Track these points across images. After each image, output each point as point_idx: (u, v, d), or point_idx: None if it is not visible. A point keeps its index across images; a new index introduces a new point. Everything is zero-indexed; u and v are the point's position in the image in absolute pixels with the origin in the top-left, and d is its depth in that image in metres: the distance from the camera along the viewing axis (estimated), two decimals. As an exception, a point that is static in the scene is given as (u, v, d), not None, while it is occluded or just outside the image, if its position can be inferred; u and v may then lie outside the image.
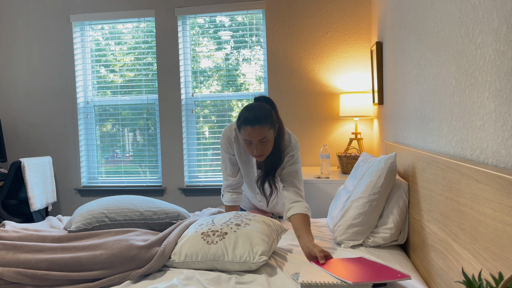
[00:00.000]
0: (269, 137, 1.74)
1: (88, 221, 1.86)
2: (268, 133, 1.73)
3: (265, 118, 1.71)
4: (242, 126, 1.73)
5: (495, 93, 1.03)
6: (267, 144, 1.75)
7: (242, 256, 1.49)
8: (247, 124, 1.70)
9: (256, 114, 1.70)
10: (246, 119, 1.71)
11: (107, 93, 3.79)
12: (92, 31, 3.78)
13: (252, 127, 1.69)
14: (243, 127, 1.72)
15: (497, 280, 0.63)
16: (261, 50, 3.55)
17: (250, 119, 1.70)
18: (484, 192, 0.99)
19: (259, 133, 1.70)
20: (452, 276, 1.23)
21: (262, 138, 1.72)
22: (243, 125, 1.72)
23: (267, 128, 1.71)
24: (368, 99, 3.13)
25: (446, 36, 1.40)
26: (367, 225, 1.77)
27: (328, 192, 2.72)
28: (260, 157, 1.77)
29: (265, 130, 1.71)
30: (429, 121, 1.62)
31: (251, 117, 1.70)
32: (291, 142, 1.88)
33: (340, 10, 3.35)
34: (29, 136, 3.82)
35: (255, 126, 1.69)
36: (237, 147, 1.95)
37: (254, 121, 1.69)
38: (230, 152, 1.97)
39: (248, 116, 1.71)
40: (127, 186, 3.73)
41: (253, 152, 1.76)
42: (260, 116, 1.70)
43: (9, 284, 1.46)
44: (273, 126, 1.76)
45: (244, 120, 1.72)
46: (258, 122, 1.69)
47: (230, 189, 2.03)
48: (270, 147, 1.77)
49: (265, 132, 1.71)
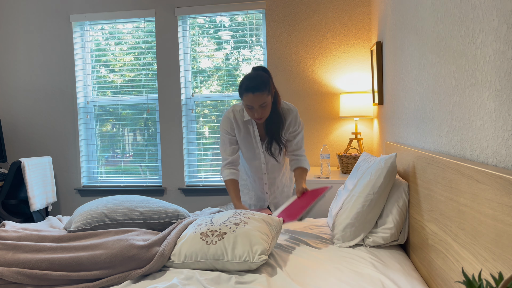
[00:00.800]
0: (268, 102, 1.99)
1: (88, 221, 1.86)
2: (266, 99, 1.97)
3: (264, 85, 1.95)
4: (244, 93, 1.97)
5: (495, 93, 1.03)
6: (266, 108, 2.00)
7: (241, 256, 1.49)
8: (249, 92, 1.94)
9: (256, 82, 1.95)
10: (248, 87, 1.95)
11: (107, 93, 3.79)
12: (92, 31, 3.78)
13: (253, 94, 1.94)
14: (245, 94, 1.96)
15: (497, 280, 0.63)
16: (261, 50, 3.55)
17: (251, 87, 1.94)
18: (484, 192, 0.99)
19: (259, 99, 1.95)
20: (452, 276, 1.23)
21: (262, 103, 1.97)
22: (245, 92, 1.96)
23: (266, 94, 1.96)
24: (368, 99, 3.13)
25: (446, 36, 1.40)
26: (365, 224, 1.77)
27: (328, 192, 2.71)
28: (260, 119, 2.03)
29: (264, 96, 1.95)
30: (429, 121, 1.61)
31: (252, 85, 1.94)
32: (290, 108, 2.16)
33: (340, 10, 3.35)
34: (29, 136, 3.82)
35: (256, 93, 1.93)
36: (236, 126, 2.17)
37: (254, 88, 1.93)
38: (230, 133, 2.19)
39: (249, 84, 1.95)
40: (127, 186, 3.73)
41: (254, 115, 2.01)
42: (260, 84, 1.94)
43: (9, 284, 1.46)
44: (270, 92, 2.00)
45: (246, 88, 1.95)
46: (258, 90, 1.93)
47: (230, 165, 2.21)
48: (268, 111, 2.03)
49: (264, 98, 1.96)
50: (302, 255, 1.69)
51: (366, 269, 1.51)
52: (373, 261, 1.60)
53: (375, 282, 1.40)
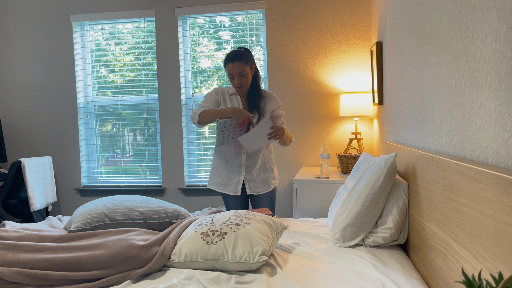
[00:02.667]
0: (246, 72, 2.22)
1: (88, 221, 1.86)
2: (245, 68, 2.21)
3: (241, 56, 2.21)
4: (225, 63, 2.23)
5: (495, 93, 1.03)
6: (246, 78, 2.23)
7: (242, 256, 1.49)
8: (229, 62, 2.21)
9: (234, 54, 2.23)
10: (228, 57, 2.23)
11: (107, 93, 3.79)
12: (92, 31, 3.78)
13: (232, 63, 2.20)
14: (226, 65, 2.22)
15: (497, 280, 0.63)
16: (261, 50, 3.55)
17: (230, 57, 2.22)
18: (484, 192, 0.99)
19: (237, 67, 2.20)
20: (452, 276, 1.23)
21: (240, 72, 2.21)
22: (226, 63, 2.23)
23: (243, 64, 2.21)
24: (368, 99, 3.13)
25: (446, 36, 1.40)
26: (365, 224, 1.77)
27: (328, 192, 2.72)
28: (241, 88, 2.26)
29: (242, 65, 2.20)
30: (429, 121, 1.62)
31: (231, 55, 2.22)
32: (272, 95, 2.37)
33: (340, 10, 3.35)
34: (29, 136, 3.82)
35: (234, 62, 2.20)
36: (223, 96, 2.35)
37: (233, 58, 2.20)
38: (216, 98, 2.34)
39: (229, 56, 2.23)
40: (127, 186, 3.73)
41: (235, 83, 2.24)
42: (237, 55, 2.21)
43: (9, 284, 1.46)
44: (248, 63, 2.24)
45: (226, 59, 2.23)
46: (236, 59, 2.20)
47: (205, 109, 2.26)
48: (247, 81, 2.25)
49: (242, 67, 2.20)
50: (302, 255, 1.69)
51: (366, 269, 1.51)
52: (373, 261, 1.60)
53: (375, 282, 1.40)
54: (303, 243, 1.86)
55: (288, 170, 3.48)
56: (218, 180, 2.36)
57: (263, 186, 2.35)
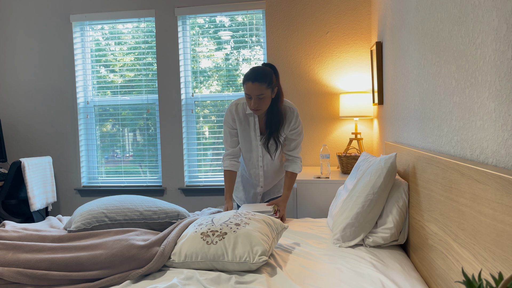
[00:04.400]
0: (266, 95, 2.04)
1: (88, 221, 1.86)
2: (265, 91, 2.03)
3: (264, 77, 2.03)
4: (245, 81, 2.05)
5: (495, 93, 1.03)
6: (264, 101, 2.06)
7: (242, 257, 1.49)
8: (249, 80, 2.03)
9: (257, 73, 2.04)
10: (248, 76, 2.04)
11: (107, 93, 3.79)
12: (92, 31, 3.78)
13: (252, 83, 2.01)
14: (245, 83, 2.04)
15: (497, 280, 0.63)
16: (261, 50, 3.55)
17: (251, 76, 2.03)
18: (484, 192, 0.99)
19: (257, 89, 2.01)
20: (452, 276, 1.23)
21: (259, 94, 2.02)
22: (245, 80, 2.05)
23: (265, 86, 2.02)
24: (368, 99, 3.13)
25: (446, 36, 1.40)
26: (365, 224, 1.77)
27: (328, 192, 2.72)
28: (257, 111, 2.08)
29: (263, 88, 2.02)
30: (429, 121, 1.62)
31: (252, 75, 2.03)
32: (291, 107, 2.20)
33: (340, 10, 3.35)
34: (29, 136, 3.82)
35: (255, 83, 2.01)
36: (237, 117, 2.23)
37: (254, 78, 2.01)
38: (231, 125, 2.25)
39: (250, 74, 2.04)
40: (127, 186, 3.73)
41: (251, 105, 2.07)
42: (260, 75, 2.03)
43: (9, 284, 1.46)
44: (270, 86, 2.06)
45: (246, 77, 2.05)
46: (257, 80, 2.01)
47: (230, 156, 2.30)
48: (266, 104, 2.08)
49: (262, 89, 2.02)
50: (302, 255, 1.69)
51: (366, 269, 1.51)
52: (373, 261, 1.60)
53: (375, 282, 1.40)
54: (303, 243, 1.86)
55: (288, 170, 3.48)
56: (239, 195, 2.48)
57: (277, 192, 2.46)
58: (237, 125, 2.24)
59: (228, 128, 2.27)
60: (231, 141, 2.28)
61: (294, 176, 2.28)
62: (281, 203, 2.21)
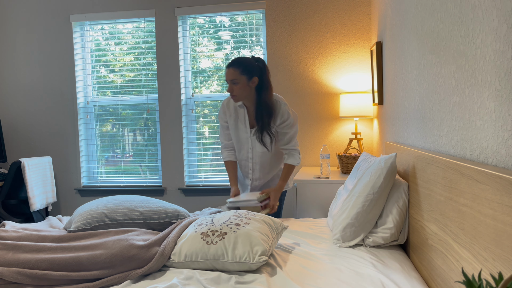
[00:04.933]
0: (240, 81, 2.11)
1: (88, 221, 1.86)
2: (239, 77, 2.10)
3: (239, 64, 2.11)
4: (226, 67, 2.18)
5: (495, 93, 1.03)
6: (239, 87, 2.12)
7: (242, 257, 1.49)
8: (227, 66, 2.15)
9: (234, 60, 2.14)
10: (228, 62, 2.18)
11: (107, 93, 3.79)
12: (92, 31, 3.78)
13: (228, 68, 2.13)
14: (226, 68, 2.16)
15: (497, 280, 0.63)
16: (261, 50, 3.55)
17: (229, 62, 2.15)
18: (484, 192, 0.99)
19: (231, 74, 2.11)
20: (452, 276, 1.23)
21: (233, 79, 2.11)
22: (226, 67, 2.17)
23: (239, 72, 2.10)
24: (368, 99, 3.13)
25: (446, 36, 1.40)
26: (365, 224, 1.77)
27: (328, 192, 2.72)
28: (233, 97, 2.16)
29: (237, 73, 2.10)
30: (429, 121, 1.62)
31: (230, 61, 2.15)
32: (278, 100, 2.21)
33: (340, 10, 3.35)
34: (29, 136, 3.82)
35: (229, 68, 2.12)
36: (228, 110, 2.31)
37: (230, 64, 2.13)
38: (223, 119, 2.33)
39: (230, 60, 2.18)
40: (127, 186, 3.73)
41: (227, 89, 2.17)
42: (236, 61, 2.12)
43: (9, 284, 1.46)
44: (245, 73, 2.11)
45: (227, 64, 2.19)
46: (232, 65, 2.12)
47: (227, 148, 2.40)
48: (241, 91, 2.13)
49: (236, 74, 2.10)
50: (302, 255, 1.69)
51: (366, 269, 1.51)
52: (373, 261, 1.60)
53: (375, 282, 1.40)
54: (303, 243, 1.86)
55: (288, 170, 3.48)
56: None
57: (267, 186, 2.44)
58: (227, 117, 2.31)
59: (222, 122, 2.36)
60: (225, 134, 2.38)
61: (291, 168, 2.29)
62: (273, 192, 2.20)
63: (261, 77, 2.15)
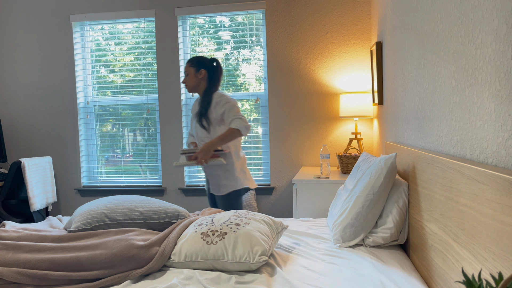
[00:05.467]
0: (189, 72, 2.50)
1: (88, 221, 1.86)
2: (188, 69, 2.50)
3: (192, 59, 2.53)
4: None
5: (495, 93, 1.03)
6: (189, 78, 2.50)
7: (242, 257, 1.49)
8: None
9: (192, 57, 2.58)
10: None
11: (107, 93, 3.79)
12: (92, 31, 3.78)
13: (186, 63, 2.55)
14: None
15: (497, 280, 0.63)
16: (261, 50, 3.55)
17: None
18: (484, 192, 0.99)
19: (185, 67, 2.53)
20: (452, 276, 1.23)
21: (185, 71, 2.52)
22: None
23: (189, 65, 2.51)
24: (368, 99, 3.13)
25: (446, 36, 1.40)
26: (365, 224, 1.77)
27: (328, 192, 2.72)
28: (186, 87, 2.53)
29: (187, 66, 2.51)
30: (429, 121, 1.62)
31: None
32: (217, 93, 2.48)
33: (340, 10, 3.35)
34: (29, 136, 3.82)
35: (186, 63, 2.53)
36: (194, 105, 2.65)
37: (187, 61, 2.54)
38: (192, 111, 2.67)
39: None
40: (127, 186, 3.73)
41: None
42: (191, 58, 2.54)
43: (9, 284, 1.46)
44: (194, 66, 2.49)
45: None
46: (188, 61, 2.53)
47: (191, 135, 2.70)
48: (190, 81, 2.50)
49: (187, 67, 2.51)
50: (302, 255, 1.69)
51: (366, 269, 1.51)
52: (373, 261, 1.60)
53: (375, 282, 1.40)
54: (303, 243, 1.86)
55: (288, 170, 3.48)
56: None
57: (216, 190, 2.51)
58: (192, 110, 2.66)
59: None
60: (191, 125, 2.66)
61: (231, 131, 2.37)
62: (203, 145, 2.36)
63: (210, 72, 2.50)
